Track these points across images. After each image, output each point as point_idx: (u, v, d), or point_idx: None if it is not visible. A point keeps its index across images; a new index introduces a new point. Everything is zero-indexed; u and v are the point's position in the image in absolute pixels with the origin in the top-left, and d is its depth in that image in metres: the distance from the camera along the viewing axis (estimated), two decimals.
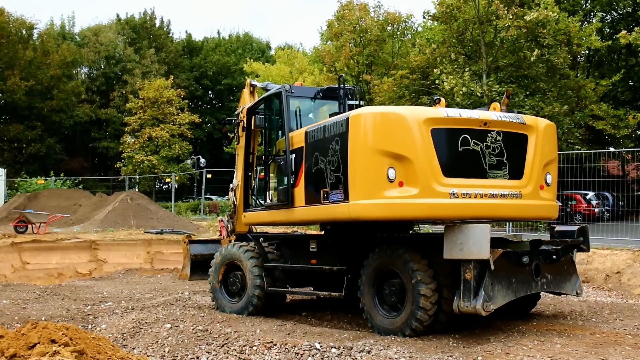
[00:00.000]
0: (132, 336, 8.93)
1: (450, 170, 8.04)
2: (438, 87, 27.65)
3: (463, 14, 27.85)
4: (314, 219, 9.47)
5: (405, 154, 7.82)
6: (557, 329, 8.71)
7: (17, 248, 18.36)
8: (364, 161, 7.93)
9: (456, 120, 8.19)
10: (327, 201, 8.47)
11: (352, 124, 8.05)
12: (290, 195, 9.27)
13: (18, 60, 47.90)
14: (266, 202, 10.28)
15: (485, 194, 8.23)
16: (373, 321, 8.59)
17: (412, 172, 7.83)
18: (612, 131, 29.72)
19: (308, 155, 8.99)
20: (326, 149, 8.50)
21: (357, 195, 7.95)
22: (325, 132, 8.60)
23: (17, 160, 48.11)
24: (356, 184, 7.98)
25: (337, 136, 8.28)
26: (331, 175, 8.36)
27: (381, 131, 7.92)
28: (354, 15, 35.72)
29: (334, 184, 8.31)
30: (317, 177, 8.71)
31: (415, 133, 7.85)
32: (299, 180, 9.16)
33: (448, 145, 8.12)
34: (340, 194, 8.17)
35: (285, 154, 9.50)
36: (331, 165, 8.37)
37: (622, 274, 13.56)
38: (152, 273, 17.82)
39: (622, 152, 23.42)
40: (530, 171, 8.68)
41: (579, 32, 27.74)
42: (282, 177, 9.68)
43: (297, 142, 9.37)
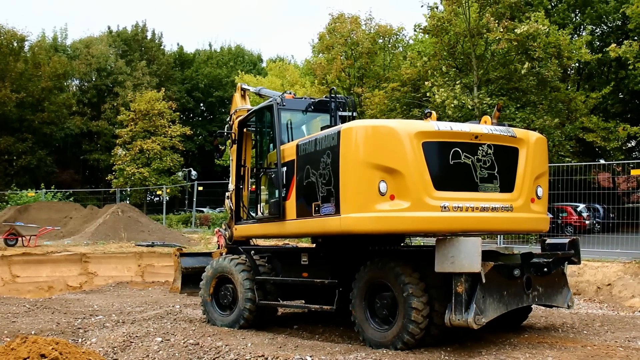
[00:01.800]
0: (122, 350, 8.88)
1: (442, 183, 8.05)
2: (429, 100, 27.72)
3: (454, 27, 27.99)
4: (306, 232, 9.46)
5: (396, 167, 7.82)
6: (548, 342, 8.72)
7: (7, 261, 18.28)
8: (355, 174, 7.92)
9: (447, 133, 8.21)
10: (318, 214, 8.47)
11: (343, 137, 8.06)
12: (281, 208, 9.28)
13: (9, 72, 47.71)
14: (257, 215, 10.29)
15: (476, 207, 8.25)
16: (365, 334, 8.57)
17: (404, 186, 7.83)
18: (603, 143, 29.86)
19: (299, 168, 8.99)
20: (318, 162, 8.50)
21: (349, 209, 7.95)
22: (316, 145, 8.61)
23: (8, 173, 47.85)
24: (347, 197, 7.97)
25: (328, 149, 8.29)
26: (322, 188, 8.36)
27: (372, 144, 7.92)
28: (345, 27, 35.86)
29: (326, 197, 8.31)
30: (308, 190, 8.71)
31: (406, 146, 7.86)
32: (290, 193, 9.17)
33: (439, 159, 8.13)
34: (332, 207, 8.17)
35: (276, 167, 9.50)
36: (322, 178, 8.38)
37: (613, 286, 13.60)
38: (143, 286, 17.74)
39: (612, 165, 23.51)
40: (521, 184, 8.70)
41: (569, 45, 27.90)
42: (273, 190, 9.70)
43: (288, 155, 9.37)
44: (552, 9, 35.74)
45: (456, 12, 27.83)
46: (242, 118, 11.50)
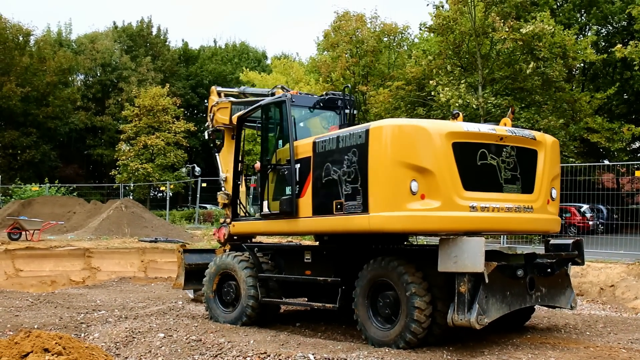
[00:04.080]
0: (125, 345, 8.89)
1: (470, 183, 8.11)
2: (434, 99, 27.71)
3: (459, 26, 27.95)
4: (324, 230, 9.29)
5: (428, 167, 7.85)
6: (551, 342, 8.71)
7: (11, 255, 18.30)
8: (386, 173, 7.91)
9: (475, 134, 8.30)
10: (341, 212, 8.41)
11: (372, 136, 8.02)
12: (294, 205, 9.23)
13: (14, 66, 47.77)
14: (263, 212, 10.19)
15: (501, 208, 8.37)
16: (367, 333, 8.58)
17: (435, 185, 7.86)
18: (607, 144, 29.83)
19: (317, 165, 8.94)
20: (341, 160, 8.46)
21: (379, 207, 7.91)
22: (339, 142, 8.56)
23: (12, 167, 47.92)
24: (378, 195, 7.94)
25: (354, 147, 8.25)
26: (347, 186, 8.31)
27: (404, 144, 7.92)
28: (350, 26, 35.80)
29: (351, 195, 8.26)
30: (328, 188, 8.66)
31: (438, 146, 7.91)
32: (305, 190, 9.11)
33: (467, 159, 8.16)
34: (359, 206, 8.12)
35: (288, 164, 9.46)
36: (347, 176, 8.33)
37: (617, 287, 13.57)
38: (145, 282, 17.78)
39: (616, 165, 23.49)
40: (540, 186, 8.84)
41: (575, 46, 27.85)
42: (284, 187, 9.62)
43: (302, 151, 9.31)
44: (558, 9, 35.68)
45: (462, 11, 27.79)
46: (243, 113, 11.45)
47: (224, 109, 13.36)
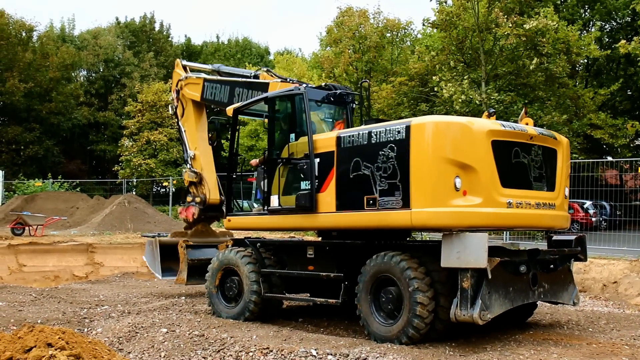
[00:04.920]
0: (128, 340, 8.91)
1: (506, 180, 8.27)
2: (437, 95, 27.70)
3: (463, 21, 27.94)
4: (351, 225, 9.09)
5: (471, 164, 7.95)
6: (553, 339, 8.71)
7: (14, 250, 18.34)
8: (430, 169, 7.93)
9: (510, 133, 8.47)
10: (374, 208, 8.38)
11: (415, 132, 8.02)
12: (314, 200, 9.20)
13: (17, 62, 47.83)
14: (270, 207, 10.05)
15: (532, 204, 8.61)
16: (370, 328, 8.58)
17: (477, 182, 7.98)
18: (610, 140, 29.81)
19: (342, 160, 8.87)
20: (374, 155, 8.42)
21: (422, 203, 7.91)
22: (371, 137, 8.52)
23: (15, 162, 48.00)
24: (421, 191, 7.93)
25: (392, 143, 8.22)
26: (382, 181, 8.28)
27: (449, 140, 7.98)
28: (353, 21, 35.79)
29: (387, 190, 8.22)
30: (357, 183, 8.61)
31: (480, 144, 8.05)
32: (326, 185, 9.05)
33: (504, 157, 8.33)
34: (397, 201, 8.10)
35: (305, 158, 9.36)
36: (382, 171, 8.29)
37: (619, 283, 13.56)
38: (148, 277, 17.76)
39: (619, 162, 23.46)
40: (559, 184, 9.14)
41: (578, 41, 27.84)
42: (299, 182, 9.50)
43: (322, 146, 9.23)
44: (561, 5, 35.62)
45: (465, 6, 27.77)
46: (241, 105, 11.37)
47: (194, 84, 13.39)
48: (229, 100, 12.56)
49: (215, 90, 13.01)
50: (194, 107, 13.79)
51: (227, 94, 12.70)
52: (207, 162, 13.74)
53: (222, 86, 12.86)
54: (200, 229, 13.59)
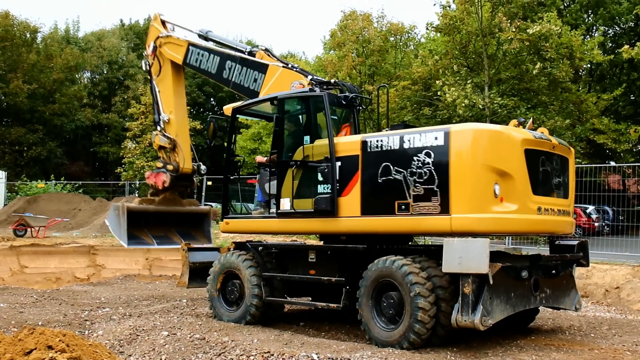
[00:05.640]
0: (129, 343, 8.90)
1: (535, 188, 8.48)
2: (440, 99, 27.68)
3: (466, 26, 27.91)
4: (380, 230, 9.01)
5: (509, 171, 8.15)
6: (555, 344, 8.70)
7: (16, 251, 18.34)
8: (472, 176, 8.02)
9: (538, 142, 8.70)
10: (406, 213, 8.35)
11: (455, 138, 8.07)
12: (335, 204, 9.08)
13: (21, 63, 47.97)
14: (280, 210, 9.85)
15: (555, 211, 8.90)
16: (371, 333, 8.57)
17: (513, 189, 8.16)
18: (613, 145, 29.77)
19: (368, 164, 8.82)
20: (407, 160, 8.40)
21: (463, 209, 7.96)
22: (403, 142, 8.51)
23: (18, 163, 48.09)
24: (463, 197, 7.98)
25: (428, 149, 8.23)
26: (417, 187, 8.26)
27: (489, 148, 8.13)
28: (357, 25, 35.74)
29: (422, 196, 8.20)
30: (386, 188, 8.58)
31: (516, 152, 8.27)
32: (349, 189, 8.96)
33: (533, 165, 8.53)
34: (435, 207, 8.10)
35: (325, 161, 9.20)
36: (417, 176, 8.27)
37: (622, 289, 13.53)
38: (150, 279, 17.78)
39: (622, 167, 23.42)
40: (571, 191, 9.43)
41: (581, 46, 27.80)
42: (315, 185, 9.33)
43: (345, 149, 9.13)
44: (565, 10, 35.61)
45: (468, 11, 27.75)
46: (244, 105, 11.12)
47: (176, 45, 12.77)
48: (217, 73, 12.06)
49: (202, 58, 12.39)
50: (173, 69, 13.11)
51: (216, 65, 12.11)
52: (183, 129, 13.28)
53: (211, 55, 12.23)
54: (168, 197, 13.25)
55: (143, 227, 12.95)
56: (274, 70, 11.08)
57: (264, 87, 11.11)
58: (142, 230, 12.82)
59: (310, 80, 10.44)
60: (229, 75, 11.77)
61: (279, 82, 10.88)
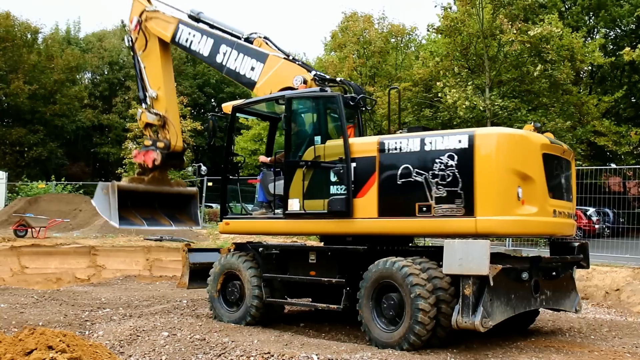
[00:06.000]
0: (129, 344, 8.89)
1: (551, 191, 8.70)
2: (441, 100, 27.68)
3: (467, 27, 27.92)
4: (400, 232, 9.04)
5: (531, 175, 8.33)
6: (555, 346, 8.69)
7: (16, 252, 18.33)
8: (497, 179, 8.12)
9: (552, 147, 8.90)
10: (428, 214, 8.35)
11: (480, 142, 8.14)
12: (350, 205, 9.02)
13: (22, 64, 47.98)
14: (289, 210, 9.69)
15: (565, 213, 9.12)
16: (371, 334, 8.57)
17: (533, 192, 8.32)
18: (614, 148, 29.76)
19: (385, 166, 8.81)
20: (428, 162, 8.42)
21: (488, 212, 8.03)
22: (424, 145, 8.52)
23: (19, 164, 48.09)
24: (488, 200, 8.05)
25: (451, 151, 8.26)
26: (439, 189, 8.27)
27: (514, 152, 8.29)
28: (358, 26, 35.77)
29: (445, 198, 8.22)
30: (406, 190, 8.57)
31: (536, 156, 8.47)
32: (365, 190, 8.92)
33: (549, 169, 8.71)
34: (459, 209, 8.13)
35: (339, 162, 9.12)
36: (440, 178, 8.29)
37: (622, 291, 13.53)
38: (150, 280, 17.78)
39: (623, 169, 23.41)
40: (574, 194, 9.57)
41: (583, 48, 27.81)
42: (328, 186, 9.26)
43: (360, 150, 9.09)
44: (566, 12, 35.61)
45: (469, 12, 27.77)
46: (245, 103, 11.01)
47: (163, 21, 12.37)
48: (209, 56, 11.66)
49: (193, 38, 11.97)
50: (160, 45, 12.61)
51: (210, 48, 11.71)
52: (172, 105, 12.84)
53: (204, 37, 11.82)
54: (157, 177, 12.82)
55: (130, 208, 12.42)
56: (275, 61, 10.81)
57: (261, 77, 10.86)
58: (130, 210, 12.32)
59: (313, 76, 10.31)
60: (223, 60, 11.44)
61: (279, 74, 10.64)
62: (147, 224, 12.82)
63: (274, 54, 10.94)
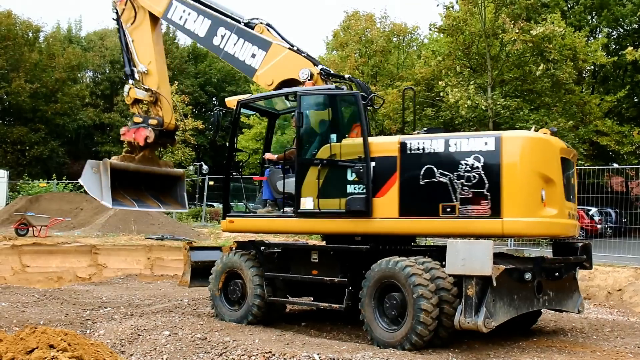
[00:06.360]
0: (130, 342, 8.88)
1: (566, 193, 8.96)
2: (443, 100, 27.65)
3: (469, 27, 27.89)
4: (422, 232, 9.11)
5: (553, 177, 8.58)
6: (557, 346, 8.68)
7: (18, 251, 18.34)
8: (524, 181, 8.27)
9: (567, 150, 9.22)
10: (452, 215, 8.37)
11: (507, 145, 8.27)
12: (370, 204, 8.98)
13: (23, 62, 47.99)
14: (302, 209, 9.52)
15: (574, 215, 9.36)
16: (373, 334, 8.55)
17: (554, 194, 8.56)
18: (616, 147, 29.70)
19: (407, 166, 8.79)
20: (453, 163, 8.45)
21: (515, 213, 8.16)
22: (448, 146, 8.54)
23: (20, 163, 48.11)
24: (515, 202, 8.17)
25: (476, 153, 8.32)
26: (464, 190, 8.31)
27: (538, 155, 8.51)
28: (360, 25, 35.74)
29: (471, 199, 8.27)
30: (429, 190, 8.57)
31: (556, 159, 8.76)
32: (385, 190, 8.87)
33: (564, 172, 8.97)
34: (485, 210, 8.20)
35: (358, 161, 9.03)
36: (465, 180, 8.33)
37: (624, 291, 13.51)
38: (151, 279, 17.78)
39: (625, 169, 23.36)
40: (576, 195, 9.72)
41: (585, 48, 27.74)
42: (344, 184, 9.16)
43: (380, 150, 9.05)
44: (569, 11, 35.55)
45: (472, 12, 27.73)
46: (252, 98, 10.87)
47: None
48: (206, 37, 11.29)
49: (188, 17, 11.53)
50: (150, 19, 12.06)
51: (206, 29, 11.31)
52: (164, 81, 12.30)
53: (201, 16, 11.37)
54: (147, 156, 12.32)
55: (118, 188, 11.86)
56: (278, 50, 10.59)
57: (263, 65, 10.63)
58: (118, 191, 11.80)
59: (320, 70, 10.21)
60: (221, 43, 11.09)
61: (282, 64, 10.44)
62: (137, 205, 12.28)
63: (278, 43, 10.71)
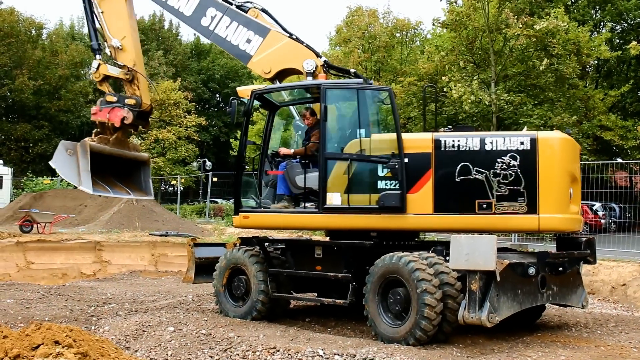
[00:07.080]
0: (135, 339, 8.90)
1: None
2: (446, 95, 27.64)
3: (473, 22, 27.84)
4: (459, 228, 9.03)
5: (577, 176, 9.24)
6: (561, 341, 8.67)
7: (22, 247, 18.37)
8: (557, 180, 8.64)
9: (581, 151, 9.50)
10: (489, 211, 8.54)
11: (543, 145, 8.57)
12: (404, 200, 8.93)
13: (26, 59, 48.07)
14: (328, 205, 9.33)
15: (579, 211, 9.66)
16: (377, 329, 8.55)
17: (577, 192, 9.18)
18: (620, 142, 29.68)
19: (442, 163, 8.83)
20: (489, 161, 8.61)
21: (550, 210, 8.50)
22: (484, 144, 8.69)
23: (24, 160, 48.23)
24: (550, 199, 8.51)
25: (513, 152, 8.55)
26: (501, 187, 8.51)
27: (570, 155, 9.05)
28: (363, 21, 35.73)
29: (507, 196, 8.49)
30: (465, 187, 8.66)
31: (579, 159, 9.43)
32: (420, 186, 8.88)
33: None
34: (521, 207, 8.45)
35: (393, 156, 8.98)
36: (501, 177, 8.52)
37: (628, 286, 13.49)
38: (156, 275, 17.80)
39: (629, 164, 23.34)
40: None
41: (589, 42, 27.71)
42: (375, 180, 9.13)
43: (413, 146, 9.02)
44: (572, 6, 35.48)
45: (475, 7, 27.68)
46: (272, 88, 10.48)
47: None
48: (192, 17, 10.69)
49: None
50: None
51: (193, 8, 10.73)
52: (139, 58, 11.71)
53: None
54: (120, 138, 11.60)
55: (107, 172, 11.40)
56: (277, 38, 10.27)
57: (259, 52, 10.32)
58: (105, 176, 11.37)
59: (323, 62, 10.11)
60: (211, 25, 10.57)
61: (282, 53, 10.18)
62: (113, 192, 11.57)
63: (276, 30, 10.40)
